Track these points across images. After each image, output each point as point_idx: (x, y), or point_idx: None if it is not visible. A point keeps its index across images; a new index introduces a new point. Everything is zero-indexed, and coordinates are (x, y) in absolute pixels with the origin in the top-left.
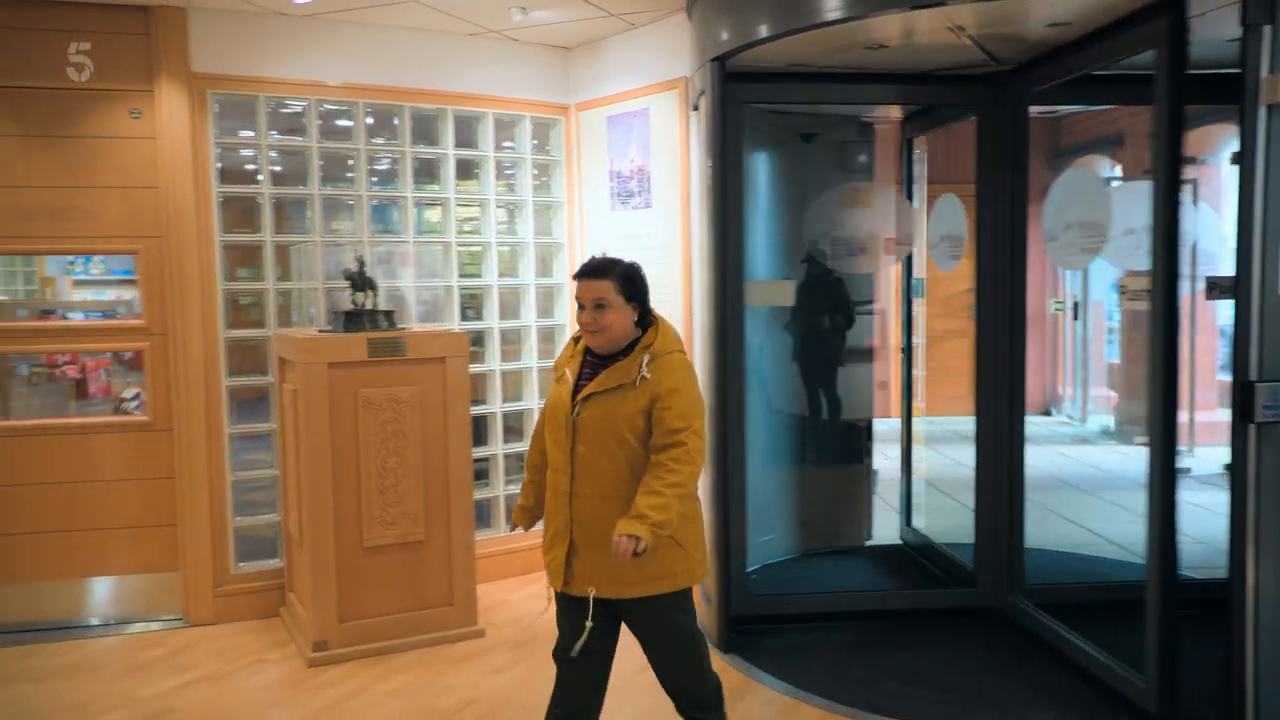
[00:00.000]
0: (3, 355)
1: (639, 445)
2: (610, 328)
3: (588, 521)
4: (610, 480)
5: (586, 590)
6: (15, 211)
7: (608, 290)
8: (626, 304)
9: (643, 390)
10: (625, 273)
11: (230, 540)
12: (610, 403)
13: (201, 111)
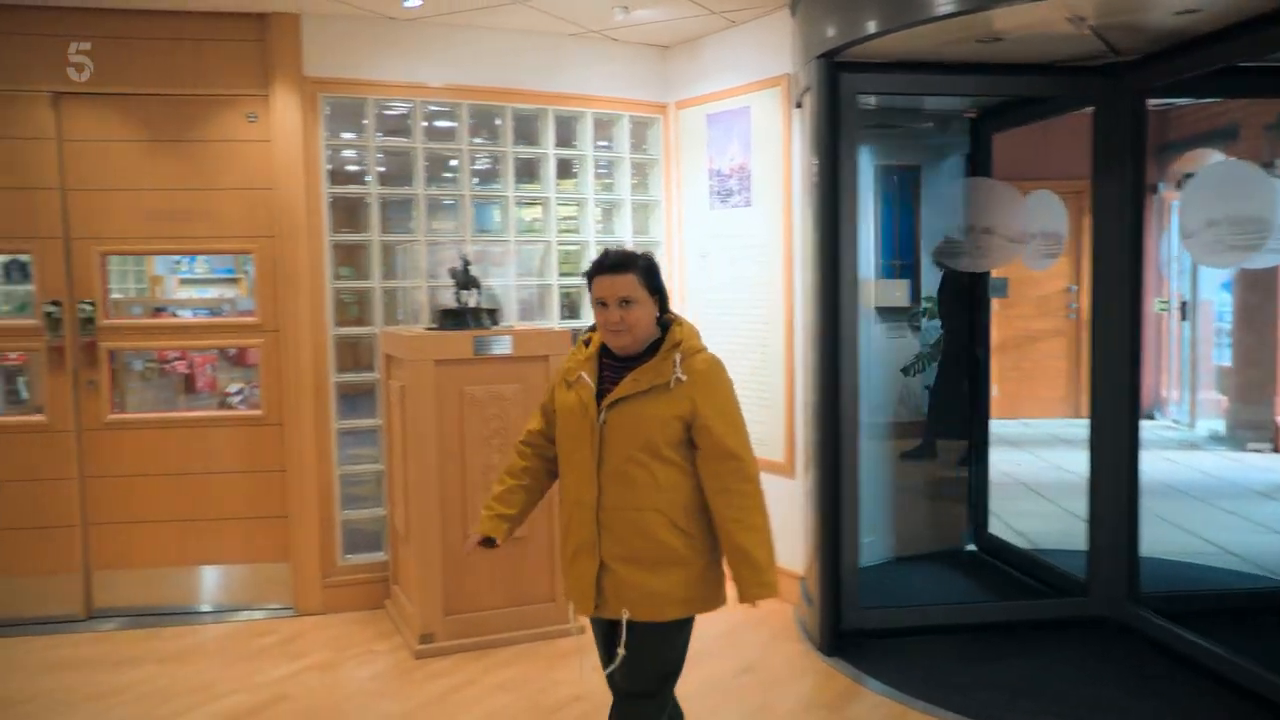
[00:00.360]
0: (121, 351)
1: (673, 453)
2: (638, 325)
3: (619, 537)
4: (644, 491)
5: (620, 613)
6: (142, 213)
7: (632, 285)
8: (650, 298)
9: (679, 394)
10: (648, 265)
11: (338, 533)
12: (642, 407)
13: (313, 114)
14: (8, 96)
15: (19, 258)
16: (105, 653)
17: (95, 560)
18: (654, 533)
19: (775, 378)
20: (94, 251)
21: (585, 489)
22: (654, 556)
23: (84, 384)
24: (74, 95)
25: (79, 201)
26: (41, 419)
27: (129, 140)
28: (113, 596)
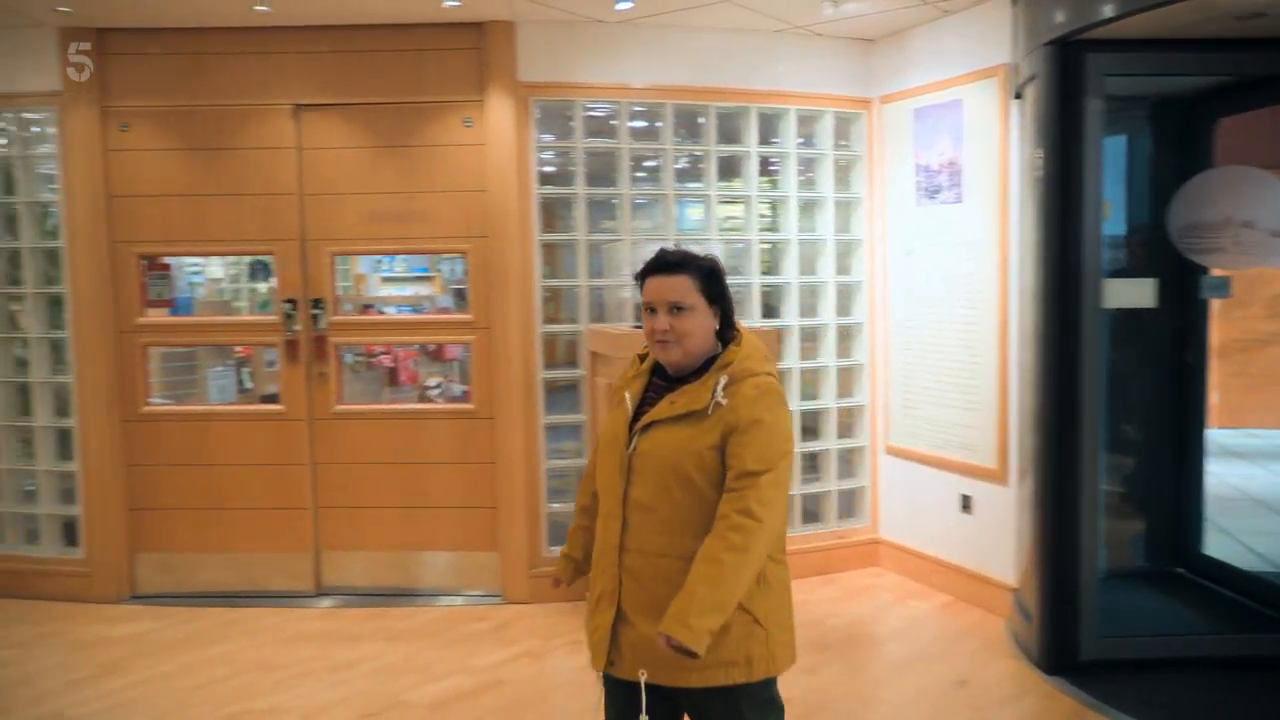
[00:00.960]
0: (340, 345)
1: (709, 489)
2: (689, 337)
3: (642, 584)
4: (672, 533)
5: (636, 674)
6: (368, 215)
7: (686, 289)
8: (709, 307)
9: (716, 421)
10: (707, 267)
11: (543, 525)
12: (676, 434)
13: (525, 118)
14: (257, 110)
15: (262, 258)
16: (336, 628)
17: (324, 541)
18: (679, 582)
19: (985, 380)
20: (325, 252)
21: (610, 527)
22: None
23: (315, 376)
24: (312, 107)
25: (314, 205)
26: (280, 408)
27: (356, 147)
28: (339, 576)
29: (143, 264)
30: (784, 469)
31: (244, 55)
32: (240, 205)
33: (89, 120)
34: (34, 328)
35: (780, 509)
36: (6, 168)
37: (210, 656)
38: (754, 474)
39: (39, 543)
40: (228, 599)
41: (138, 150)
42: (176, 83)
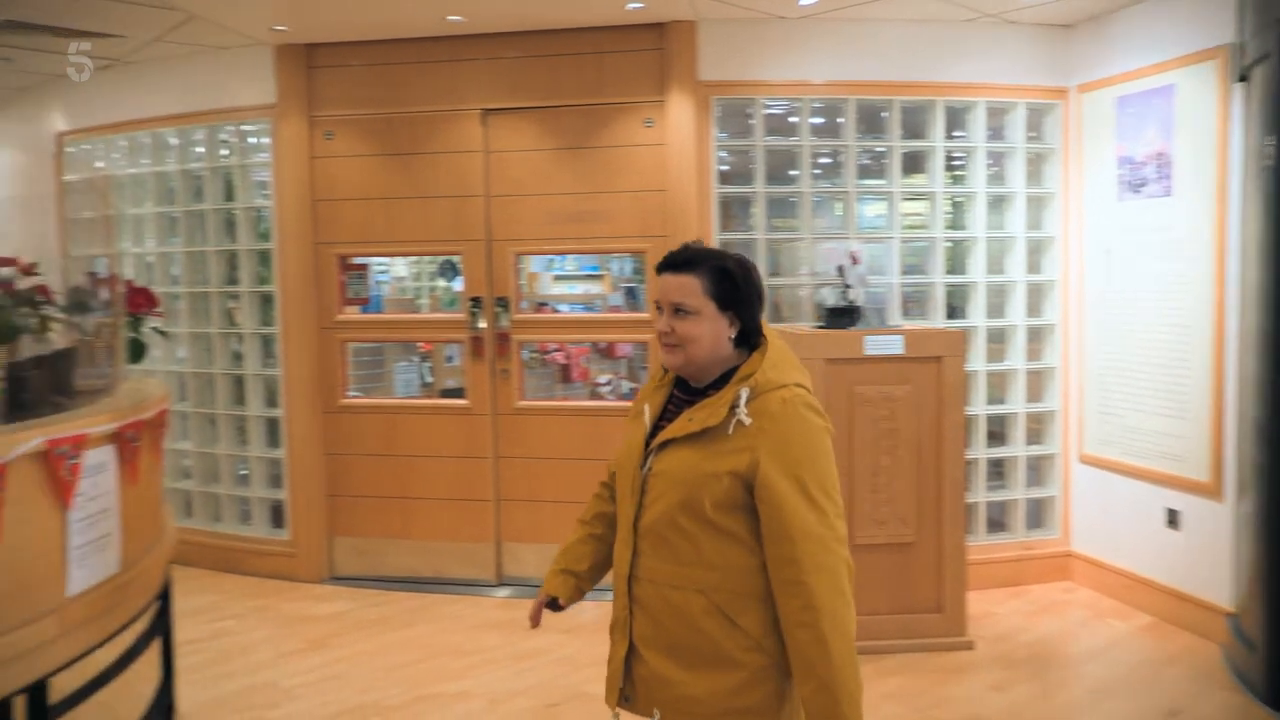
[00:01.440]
0: (521, 343)
1: (726, 519)
2: (692, 343)
3: (652, 617)
4: (683, 563)
5: (650, 713)
6: (549, 215)
7: (691, 290)
8: (719, 313)
9: (738, 442)
10: (721, 267)
11: None
12: (689, 455)
13: (705, 117)
14: (447, 116)
15: (451, 258)
16: (517, 618)
17: (506, 533)
18: (694, 619)
19: (1196, 386)
20: (509, 252)
21: (623, 554)
22: (694, 649)
23: (498, 372)
24: (498, 111)
25: (499, 206)
26: (464, 403)
27: (540, 149)
28: (518, 567)
29: (342, 264)
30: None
31: (436, 64)
32: (431, 207)
33: (298, 130)
34: (248, 324)
35: (843, 553)
36: (227, 176)
37: (403, 639)
38: (809, 529)
39: (251, 523)
40: (415, 584)
41: (340, 157)
42: (375, 92)
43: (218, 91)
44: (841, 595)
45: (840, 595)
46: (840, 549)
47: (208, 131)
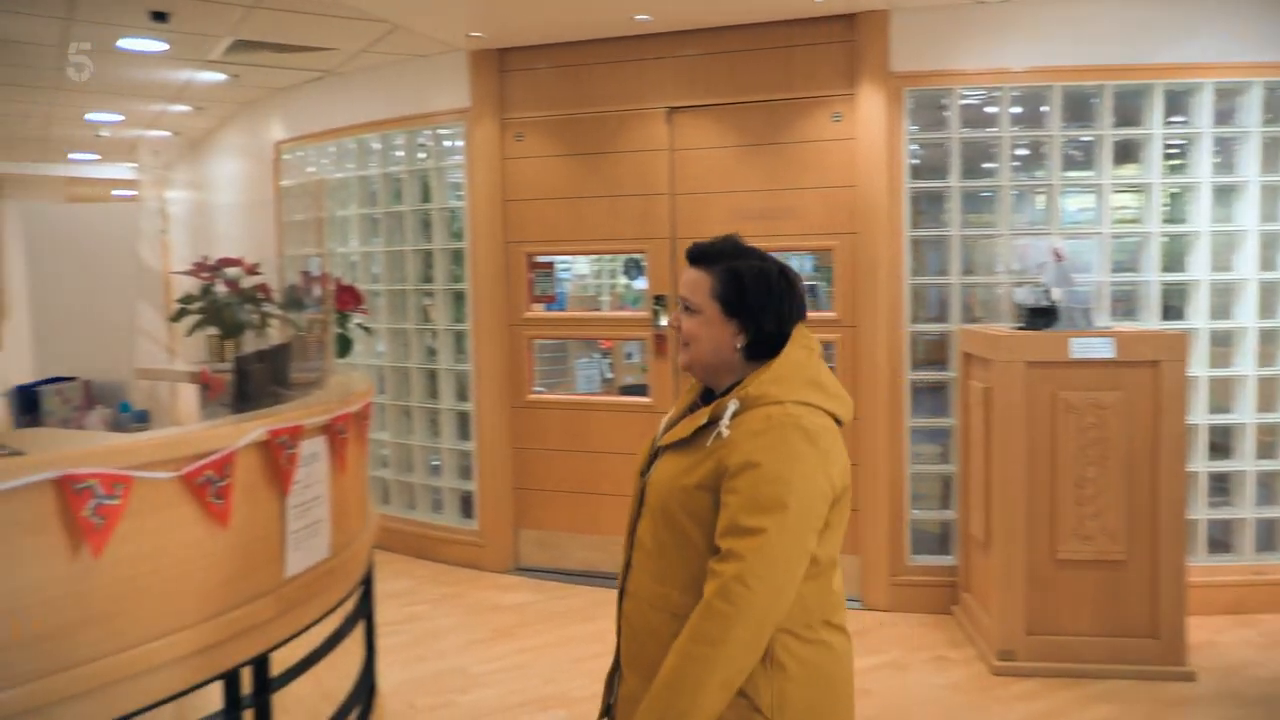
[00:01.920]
0: None
1: (701, 538)
2: (694, 343)
3: (633, 634)
4: (664, 582)
5: None
6: (734, 213)
7: (700, 287)
8: (723, 318)
9: (713, 454)
10: (733, 270)
11: (906, 531)
12: (674, 464)
13: (897, 109)
14: (633, 115)
15: (635, 257)
16: None
17: None
18: (665, 642)
19: None
20: None
21: (622, 562)
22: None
23: (680, 370)
24: (683, 109)
25: (683, 205)
26: (647, 401)
27: (725, 146)
28: None
29: (530, 262)
30: (791, 526)
31: (621, 63)
32: (616, 206)
33: (490, 132)
34: (441, 320)
35: (772, 584)
36: (424, 178)
37: (585, 633)
38: (742, 533)
39: (442, 512)
40: (596, 579)
41: (529, 157)
42: (562, 93)
43: (416, 98)
44: (730, 630)
45: (729, 630)
46: (765, 592)
47: (407, 136)
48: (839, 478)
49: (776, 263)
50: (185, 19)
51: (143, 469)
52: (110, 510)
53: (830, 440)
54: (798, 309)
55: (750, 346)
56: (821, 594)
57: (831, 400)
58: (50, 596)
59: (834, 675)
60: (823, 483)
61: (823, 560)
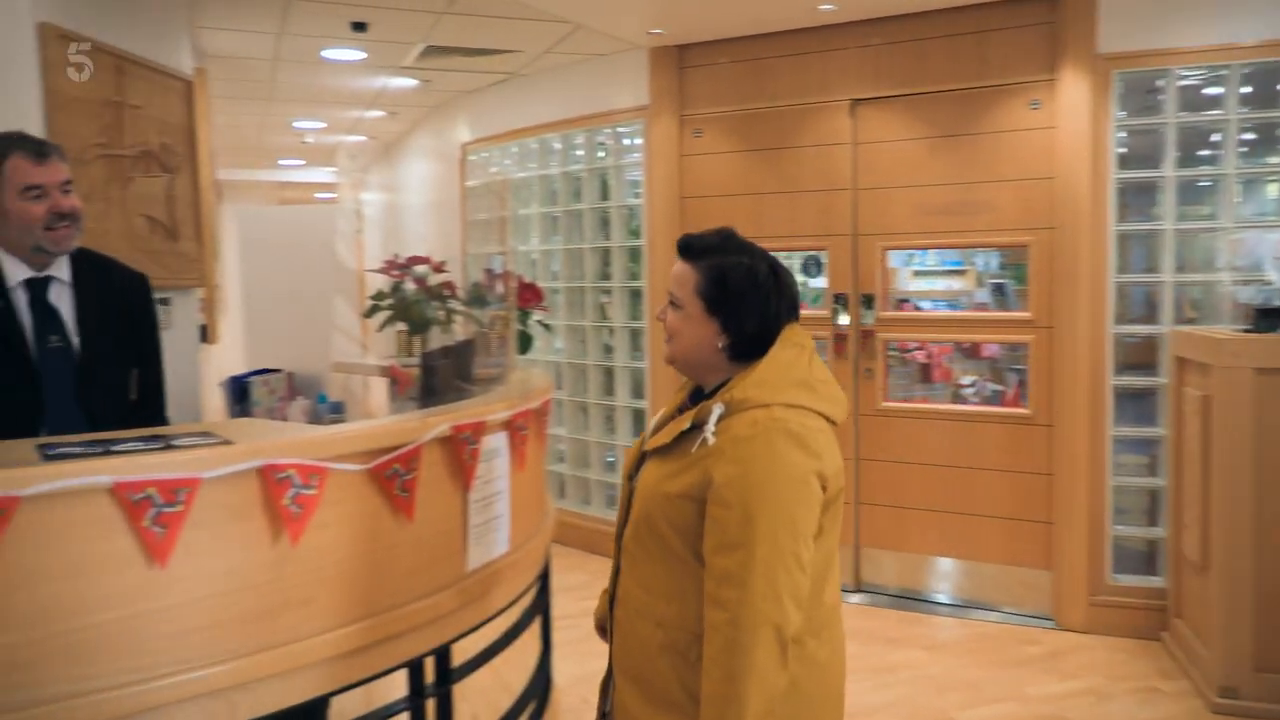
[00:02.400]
0: (886, 341)
1: (683, 548)
2: (677, 337)
3: (623, 641)
4: (649, 591)
5: None
6: (920, 208)
7: (685, 281)
8: (705, 315)
9: (698, 462)
10: (719, 267)
11: (1107, 548)
12: (657, 469)
13: (1103, 94)
14: (815, 109)
15: (816, 254)
16: (875, 628)
17: (865, 538)
18: (652, 654)
19: None
20: (877, 247)
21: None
22: (650, 683)
23: (861, 372)
24: (867, 101)
25: (866, 200)
26: None
27: (910, 139)
28: (877, 574)
29: None
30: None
31: (803, 56)
32: (797, 202)
33: (669, 129)
34: (618, 317)
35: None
36: (603, 177)
37: None
38: (734, 548)
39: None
40: None
41: (707, 154)
42: (742, 88)
43: (596, 97)
44: (747, 657)
45: (745, 657)
46: (765, 605)
47: (587, 135)
48: (832, 480)
49: (768, 260)
50: (382, 27)
51: (336, 461)
52: (307, 500)
53: (822, 442)
54: (786, 309)
55: (734, 346)
56: (810, 606)
57: (822, 401)
58: (253, 581)
59: (814, 693)
60: (815, 487)
61: (812, 570)
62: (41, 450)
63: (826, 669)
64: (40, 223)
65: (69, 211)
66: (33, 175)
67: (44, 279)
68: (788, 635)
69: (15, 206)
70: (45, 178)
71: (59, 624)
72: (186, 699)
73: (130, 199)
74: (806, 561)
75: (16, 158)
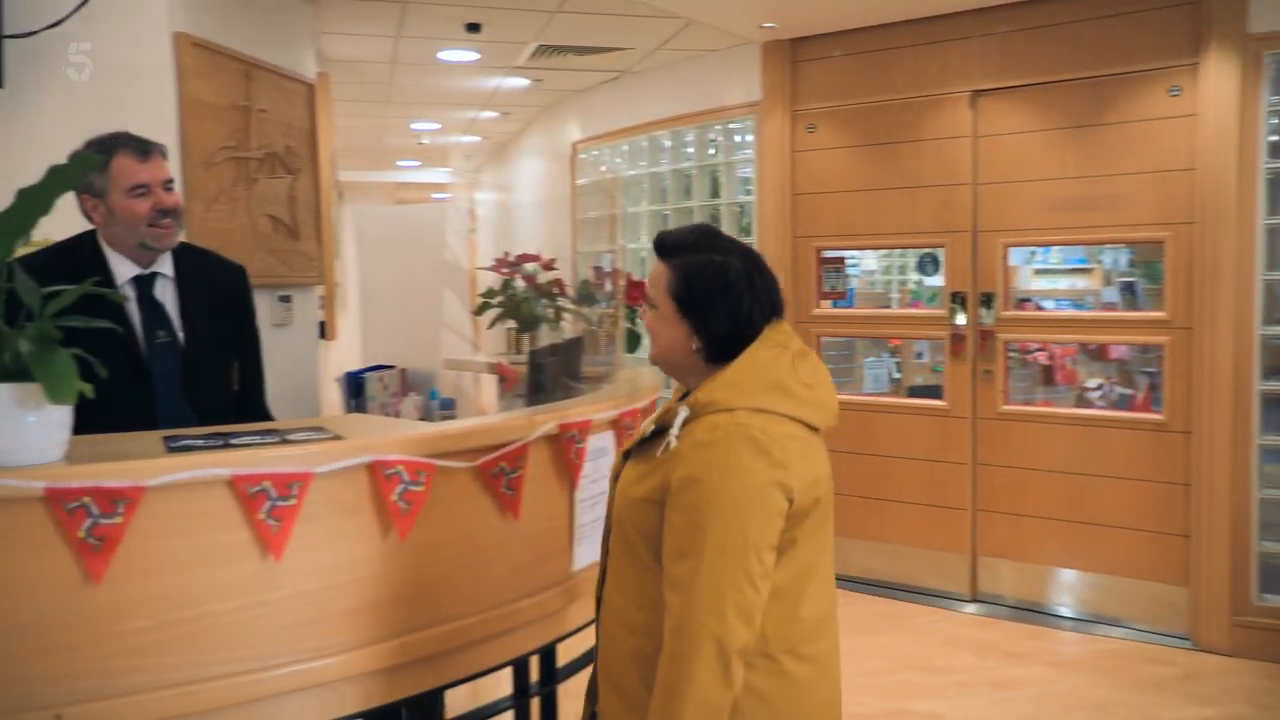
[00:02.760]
0: (1007, 342)
1: (646, 551)
2: (654, 340)
3: (605, 645)
4: (624, 595)
5: None
6: (1045, 202)
7: (658, 281)
8: (677, 316)
9: (660, 466)
10: (692, 268)
11: (1253, 564)
12: (629, 473)
13: (1254, 77)
14: (933, 101)
15: (932, 251)
16: (994, 640)
17: (982, 546)
18: (624, 658)
19: None
20: (997, 244)
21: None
22: (626, 689)
23: (980, 373)
24: (989, 92)
25: (987, 195)
26: (942, 404)
27: (1035, 130)
28: (995, 584)
29: (819, 258)
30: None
31: (921, 47)
32: (913, 198)
33: (781, 125)
34: None
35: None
36: (713, 174)
37: (870, 645)
38: (683, 557)
39: None
40: (879, 588)
41: (820, 150)
42: (857, 82)
43: (707, 93)
44: (686, 670)
45: (684, 669)
46: (708, 618)
47: (697, 132)
48: (802, 491)
49: (744, 258)
50: (495, 28)
51: (443, 458)
52: (415, 496)
53: (792, 450)
54: (762, 308)
55: (707, 348)
56: (781, 621)
57: (800, 406)
58: (362, 575)
59: (792, 711)
60: (775, 497)
61: (783, 582)
62: (167, 442)
63: (809, 687)
64: (145, 220)
65: (171, 208)
66: (138, 174)
67: (150, 275)
68: (731, 650)
69: (121, 205)
70: (149, 176)
71: (180, 612)
72: (298, 690)
73: (255, 199)
74: (759, 575)
75: (122, 157)
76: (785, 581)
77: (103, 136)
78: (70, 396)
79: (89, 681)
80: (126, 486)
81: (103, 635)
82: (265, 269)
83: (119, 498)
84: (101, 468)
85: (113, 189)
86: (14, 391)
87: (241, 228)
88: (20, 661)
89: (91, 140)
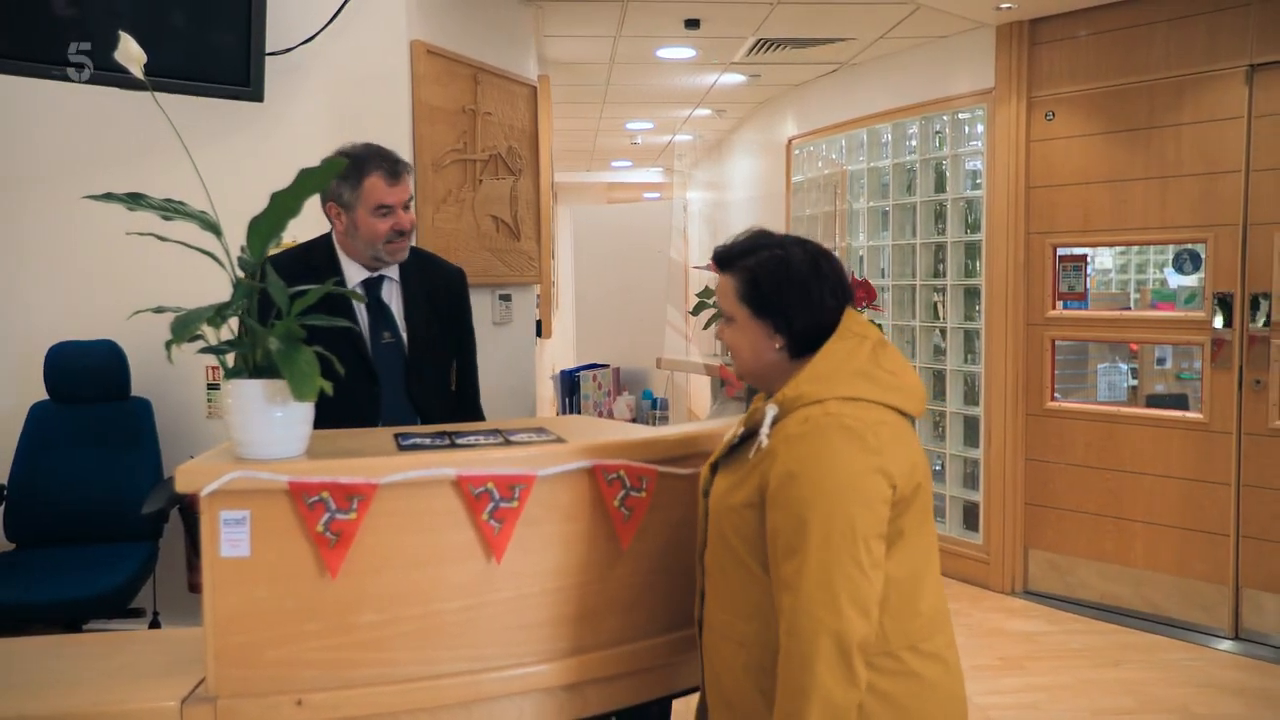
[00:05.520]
0: None
1: (751, 558)
2: (737, 353)
3: (711, 668)
4: (727, 610)
5: None
6: None
7: (727, 292)
8: (754, 320)
9: (756, 468)
10: (755, 267)
11: None
12: (723, 480)
13: None
14: (1197, 79)
15: (1191, 247)
16: (1264, 687)
17: (1247, 577)
18: (736, 674)
19: None
20: (1275, 238)
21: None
22: (740, 707)
23: (1248, 384)
24: (1269, 65)
25: (1263, 183)
26: (1199, 417)
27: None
28: (1261, 620)
29: (1055, 255)
30: (836, 540)
31: (1184, 19)
32: (1168, 188)
33: (1015, 113)
34: (951, 317)
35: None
36: (938, 167)
37: (1109, 680)
38: (789, 555)
39: (943, 521)
40: (1119, 615)
41: (1059, 139)
42: (1104, 63)
43: (932, 82)
44: (807, 671)
45: (806, 671)
46: (822, 612)
47: (921, 124)
48: (903, 477)
49: (804, 248)
50: (714, 23)
51: (664, 463)
52: (637, 502)
53: (885, 436)
54: (835, 294)
55: (791, 344)
56: (900, 616)
57: (889, 392)
58: (581, 581)
59: (924, 712)
60: (877, 484)
61: (899, 576)
62: (398, 439)
63: (937, 686)
64: (384, 238)
65: (408, 229)
66: (386, 196)
67: (377, 278)
68: (851, 643)
69: (365, 222)
70: (395, 198)
71: (409, 608)
72: (517, 693)
73: (479, 200)
74: (870, 565)
75: (375, 177)
76: (900, 574)
77: (357, 148)
78: (313, 394)
79: (325, 671)
80: (361, 483)
81: (337, 626)
82: (487, 268)
83: (354, 494)
84: (338, 464)
85: (360, 205)
86: (264, 388)
87: (467, 228)
88: (271, 647)
89: (345, 150)
